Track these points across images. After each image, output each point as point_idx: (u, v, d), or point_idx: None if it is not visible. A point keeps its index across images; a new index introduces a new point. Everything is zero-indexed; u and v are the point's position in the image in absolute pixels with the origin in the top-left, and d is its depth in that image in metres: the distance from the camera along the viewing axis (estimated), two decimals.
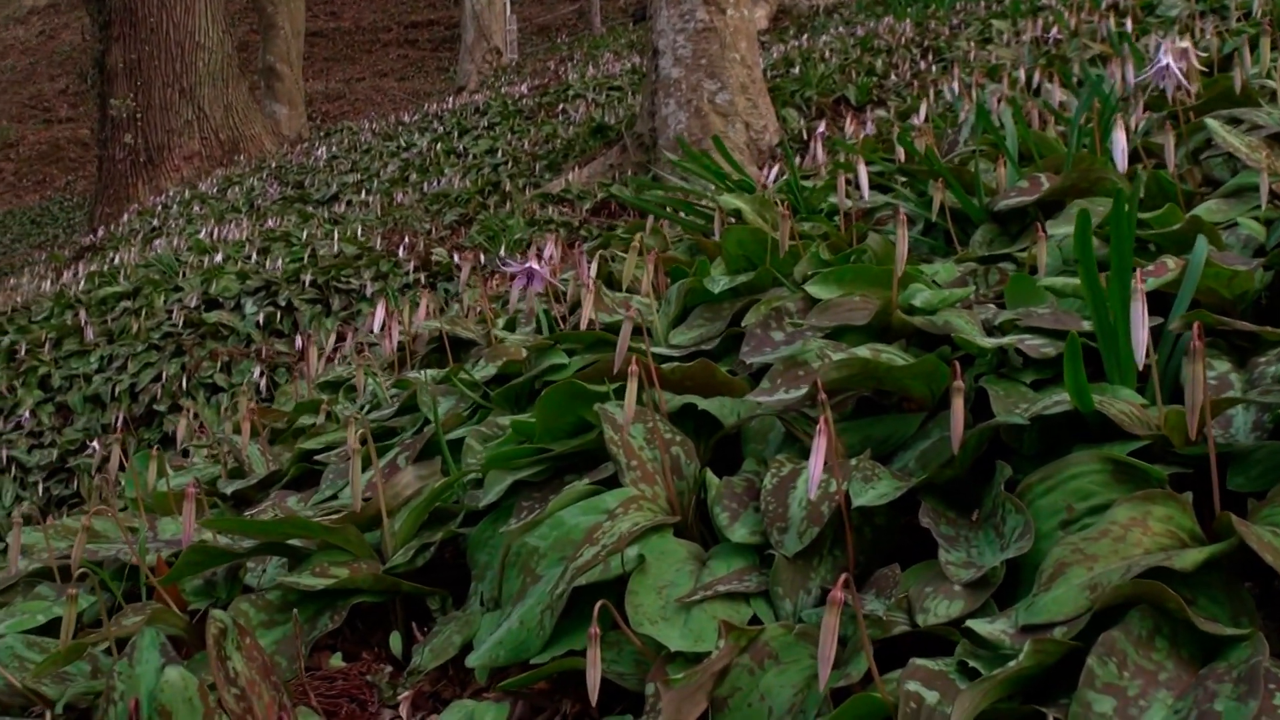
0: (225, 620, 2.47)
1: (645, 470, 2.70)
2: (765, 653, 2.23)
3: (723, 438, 2.96)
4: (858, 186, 4.50)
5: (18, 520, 3.68)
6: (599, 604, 2.21)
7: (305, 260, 11.25)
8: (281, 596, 2.86)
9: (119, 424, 10.07)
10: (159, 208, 18.41)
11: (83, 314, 11.34)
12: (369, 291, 10.53)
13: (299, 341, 10.12)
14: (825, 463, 2.19)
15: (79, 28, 36.55)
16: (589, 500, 2.62)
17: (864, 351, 2.81)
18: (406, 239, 11.40)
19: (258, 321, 10.50)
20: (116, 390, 10.34)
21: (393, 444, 3.62)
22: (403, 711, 2.58)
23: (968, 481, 2.62)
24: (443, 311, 5.71)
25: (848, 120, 8.90)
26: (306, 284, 10.72)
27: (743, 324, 3.49)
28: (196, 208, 17.32)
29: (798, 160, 9.73)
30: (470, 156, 14.98)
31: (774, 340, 3.27)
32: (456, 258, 10.84)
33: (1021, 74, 7.66)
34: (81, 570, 3.62)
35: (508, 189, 12.82)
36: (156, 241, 14.59)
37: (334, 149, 18.23)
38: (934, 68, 12.86)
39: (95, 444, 9.64)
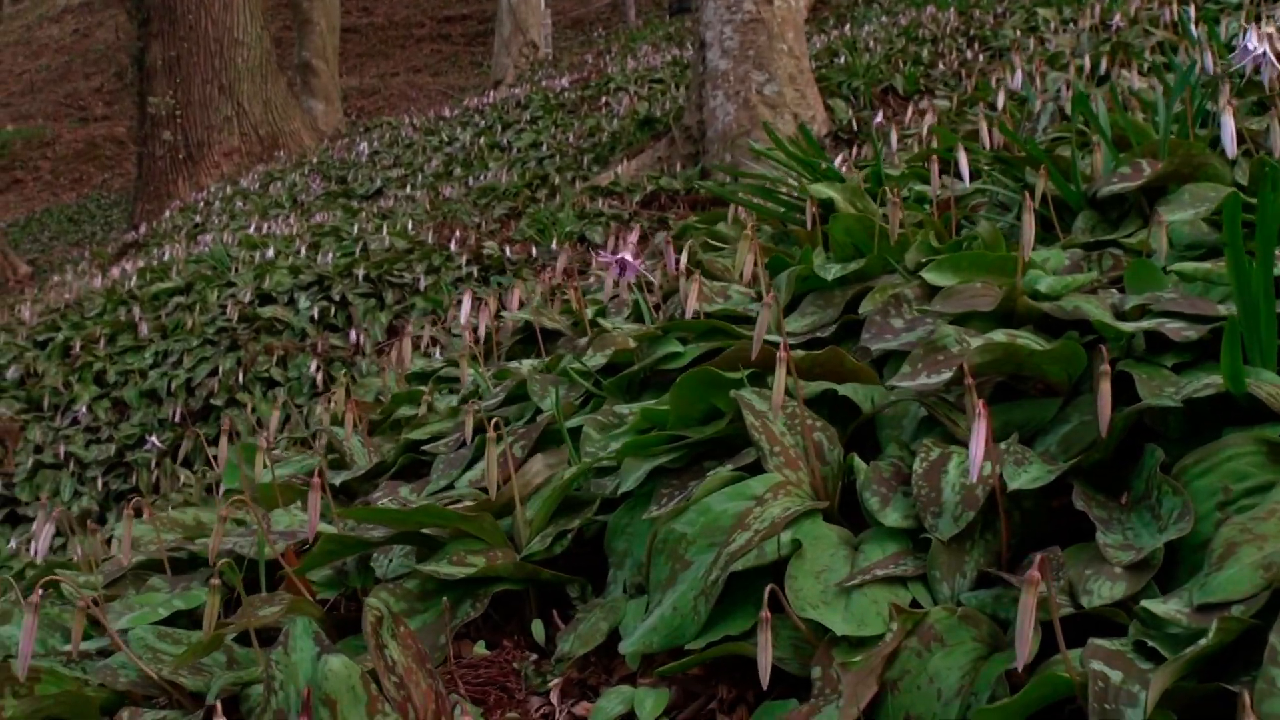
0: (382, 608, 2.48)
1: (789, 456, 2.70)
2: (931, 635, 2.23)
3: (855, 423, 2.96)
4: (957, 174, 4.50)
5: (129, 512, 3.70)
6: (768, 588, 2.21)
7: (357, 255, 11.28)
8: (420, 585, 2.87)
9: (177, 419, 10.11)
10: (201, 204, 18.47)
11: (136, 310, 11.40)
12: (422, 285, 10.55)
13: (354, 335, 10.15)
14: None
15: (113, 25, 36.69)
16: (735, 486, 2.62)
17: (1000, 336, 2.81)
18: (457, 233, 11.42)
19: (312, 316, 10.53)
20: (173, 385, 10.38)
21: (504, 434, 3.62)
22: (553, 698, 2.58)
23: (1113, 464, 2.61)
24: (521, 305, 5.69)
25: (909, 110, 8.87)
26: (360, 278, 10.74)
27: (860, 311, 3.48)
28: (239, 204, 17.37)
29: (852, 153, 9.72)
30: (514, 150, 14.99)
31: (894, 327, 3.27)
32: (509, 250, 10.86)
33: (1086, 62, 7.63)
34: (180, 558, 3.64)
35: (556, 182, 12.82)
36: (201, 237, 14.62)
37: (375, 144, 18.26)
38: (981, 56, 12.82)
39: (153, 439, 9.69)
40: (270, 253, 11.84)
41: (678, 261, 4.82)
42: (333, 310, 10.57)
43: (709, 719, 2.44)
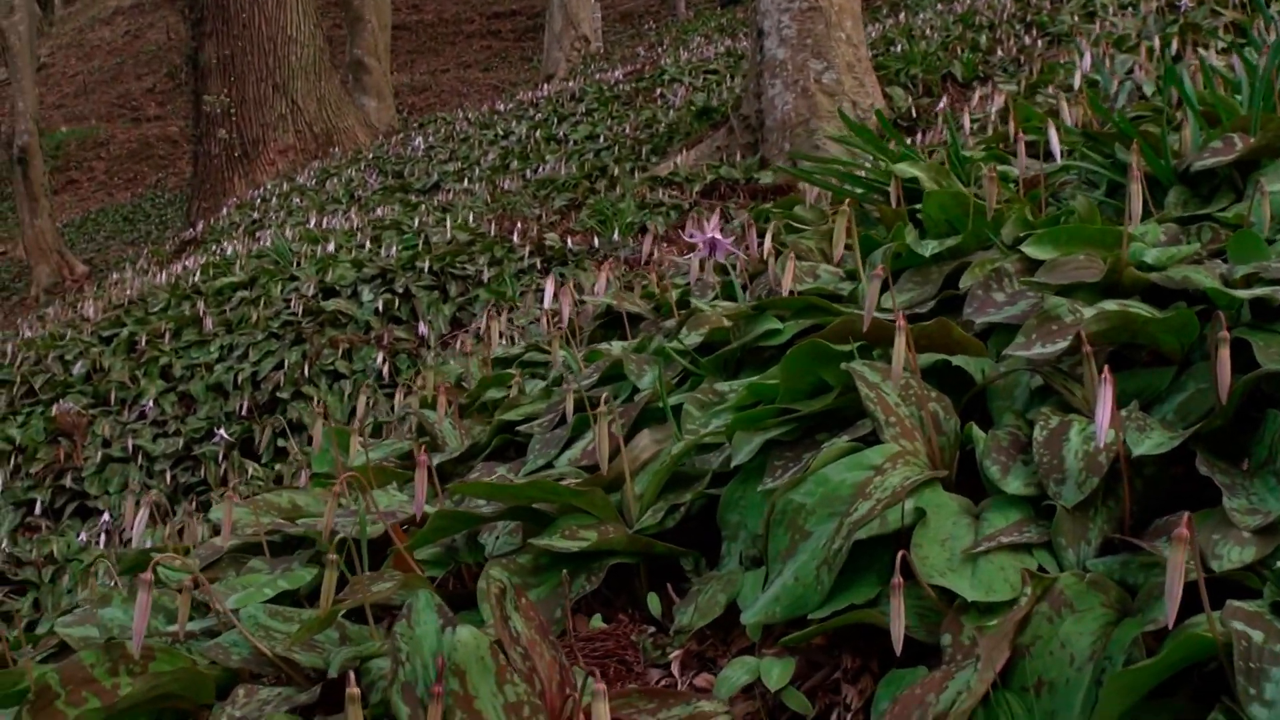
0: (505, 580, 2.49)
1: (904, 426, 2.69)
2: (1061, 601, 2.22)
3: (969, 394, 2.95)
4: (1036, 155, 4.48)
5: (230, 494, 3.73)
6: (899, 554, 2.21)
7: (419, 248, 11.31)
8: (533, 560, 2.87)
9: (243, 412, 10.18)
10: (257, 201, 18.58)
11: (200, 305, 11.47)
12: (485, 277, 10.58)
13: (420, 328, 10.19)
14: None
15: (164, 27, 36.98)
16: (852, 457, 2.61)
17: (1113, 305, 2.79)
18: (519, 225, 11.44)
19: (376, 309, 10.57)
20: (239, 379, 10.44)
21: (605, 412, 3.62)
22: (674, 670, 2.59)
23: (1232, 431, 2.59)
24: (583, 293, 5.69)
25: (974, 95, 8.83)
26: (422, 271, 10.78)
27: (960, 285, 3.47)
28: (296, 200, 17.46)
29: (915, 139, 9.69)
30: (571, 143, 15.00)
31: (996, 301, 3.26)
32: (570, 241, 10.88)
33: (1156, 43, 7.59)
34: (274, 540, 3.66)
35: (615, 173, 12.83)
36: (260, 233, 14.70)
37: (430, 139, 18.31)
38: (1040, 43, 12.75)
39: (220, 432, 9.75)
40: (331, 246, 11.89)
41: (760, 243, 4.81)
42: (396, 303, 10.60)
43: (833, 689, 2.43)
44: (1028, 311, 3.13)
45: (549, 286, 4.89)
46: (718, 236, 4.07)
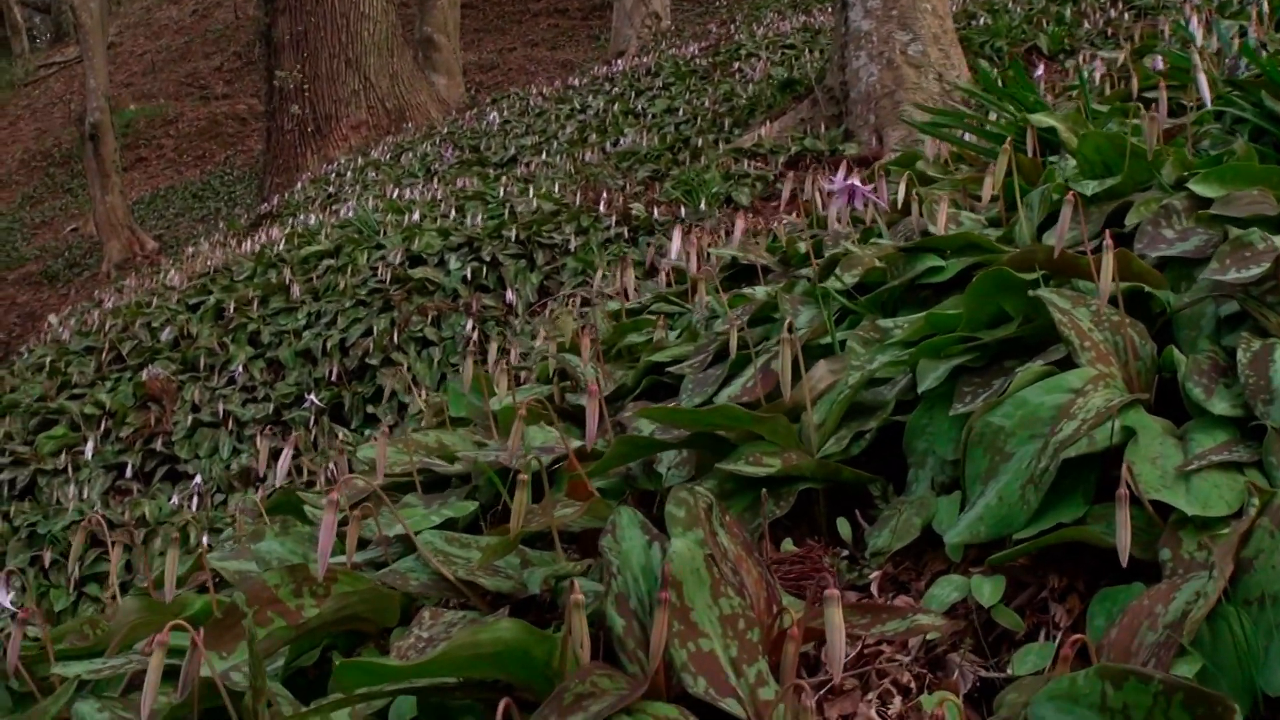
0: (710, 497, 2.50)
1: (1099, 351, 2.68)
2: None
3: (1160, 322, 2.94)
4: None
5: (384, 430, 3.75)
6: (1125, 465, 2.21)
7: (505, 217, 11.33)
8: (718, 486, 2.88)
9: (333, 378, 10.24)
10: (332, 175, 18.65)
11: (286, 272, 11.53)
12: (572, 246, 10.59)
13: (508, 295, 10.22)
14: None
15: (231, 6, 37.19)
16: (1050, 380, 2.61)
17: None
18: (605, 194, 11.44)
19: (464, 277, 10.60)
20: (327, 345, 10.50)
21: (757, 350, 3.63)
22: (873, 590, 2.59)
23: None
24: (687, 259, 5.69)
25: (1080, 60, 8.76)
26: (509, 240, 10.80)
27: (1125, 223, 3.45)
28: (371, 174, 17.52)
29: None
30: (649, 116, 14.98)
31: (1166, 237, 3.25)
32: (657, 212, 10.87)
33: (1265, 6, 7.50)
34: (421, 478, 3.68)
35: (699, 145, 12.81)
36: (342, 207, 14.76)
37: (505, 113, 18.33)
38: (1127, 15, 12.64)
39: (311, 397, 9.81)
40: (416, 216, 11.93)
41: (891, 196, 4.80)
42: (483, 271, 10.62)
43: (1040, 608, 2.43)
44: (1201, 246, 3.13)
45: (675, 239, 4.89)
46: (856, 183, 4.05)
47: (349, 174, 18.15)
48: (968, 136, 5.52)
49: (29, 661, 2.88)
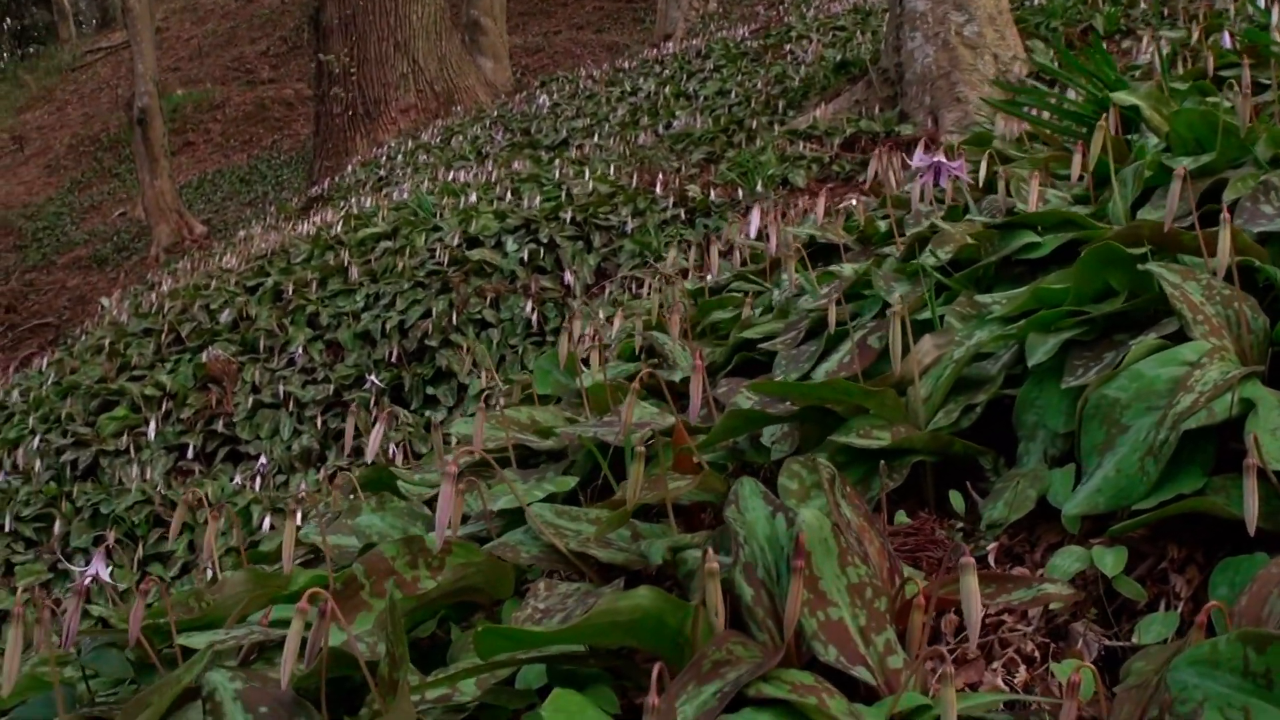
0: (833, 468, 2.52)
1: (1212, 324, 2.69)
2: None
3: (1272, 295, 2.95)
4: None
5: (481, 407, 3.78)
6: (1251, 435, 2.22)
7: (561, 199, 11.37)
8: (829, 458, 2.90)
9: (392, 359, 10.30)
10: (382, 158, 18.72)
11: (344, 255, 11.59)
12: (629, 228, 10.61)
13: (566, 277, 10.25)
14: None
15: None
16: (1164, 353, 2.62)
17: None
18: (660, 176, 11.46)
19: (521, 259, 10.64)
20: (386, 327, 10.56)
21: (847, 328, 3.64)
22: (990, 562, 2.61)
23: None
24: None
25: (1144, 41, 8.73)
26: (566, 221, 10.83)
27: (1223, 199, 3.45)
28: (421, 157, 17.57)
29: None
30: (701, 98, 14.99)
31: (1265, 213, 3.25)
32: (713, 193, 10.89)
33: None
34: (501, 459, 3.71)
35: (753, 127, 12.80)
36: (394, 190, 14.81)
37: (555, 96, 18.36)
38: None
39: (372, 378, 9.87)
40: (473, 198, 11.97)
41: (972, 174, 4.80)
42: (541, 253, 10.67)
43: (1160, 578, 2.44)
44: None
45: (754, 217, 4.92)
46: (943, 159, 4.06)
47: (399, 157, 18.22)
48: (1045, 116, 5.52)
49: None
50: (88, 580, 3.13)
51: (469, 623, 2.93)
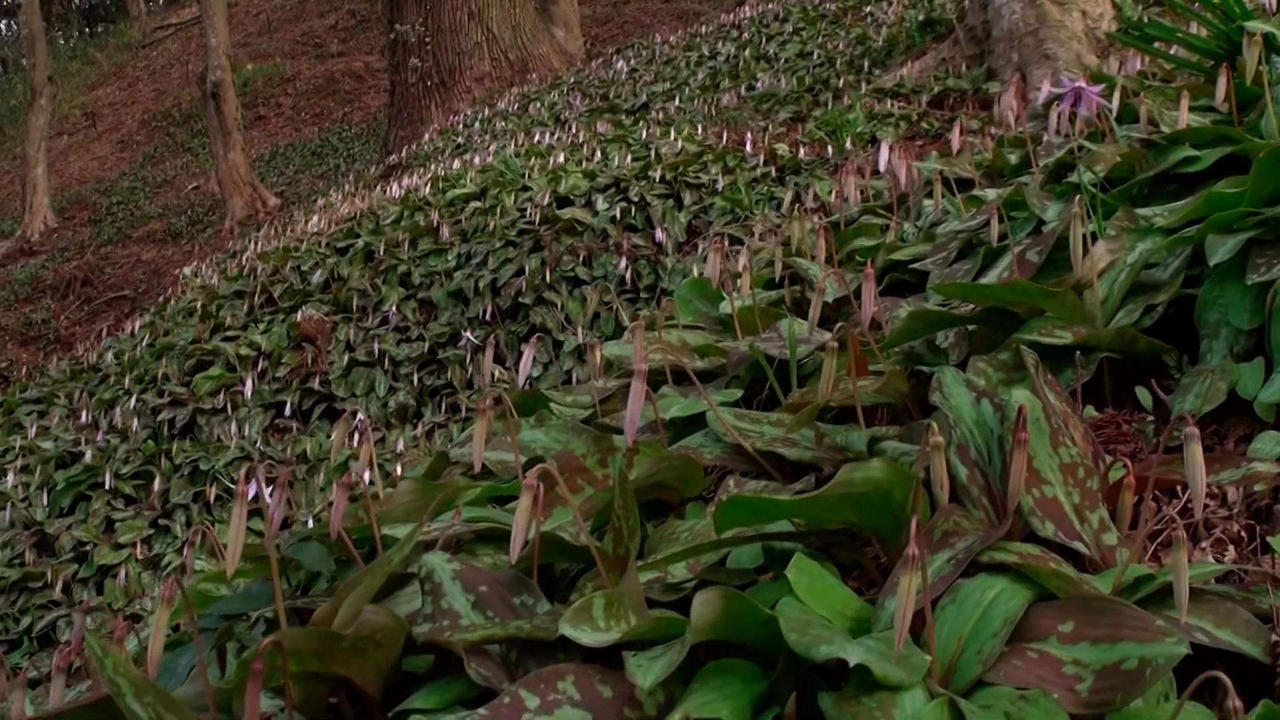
0: (1034, 355, 2.56)
1: None
2: None
3: None
4: None
5: (638, 326, 3.84)
6: None
7: (649, 158, 11.41)
8: (1013, 357, 2.94)
9: (487, 317, 10.39)
10: (459, 126, 18.80)
11: (434, 215, 11.68)
12: (719, 186, 10.65)
13: (658, 234, 10.30)
14: None
15: None
16: None
17: None
18: (749, 135, 11.49)
19: (612, 217, 10.69)
20: (479, 285, 10.64)
21: (1004, 246, 3.68)
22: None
23: None
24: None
25: None
26: (655, 180, 10.88)
27: None
28: (499, 124, 17.63)
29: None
30: (782, 60, 14.98)
31: None
32: (802, 152, 10.91)
33: None
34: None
35: (840, 85, 12.81)
36: (475, 156, 14.88)
37: (632, 62, 18.39)
38: None
39: (468, 334, 9.97)
40: (561, 158, 12.03)
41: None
42: (631, 211, 10.71)
43: None
44: None
45: (884, 150, 4.95)
46: (1084, 85, 4.08)
47: (476, 124, 18.29)
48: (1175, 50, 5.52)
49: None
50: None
51: (658, 521, 2.99)
